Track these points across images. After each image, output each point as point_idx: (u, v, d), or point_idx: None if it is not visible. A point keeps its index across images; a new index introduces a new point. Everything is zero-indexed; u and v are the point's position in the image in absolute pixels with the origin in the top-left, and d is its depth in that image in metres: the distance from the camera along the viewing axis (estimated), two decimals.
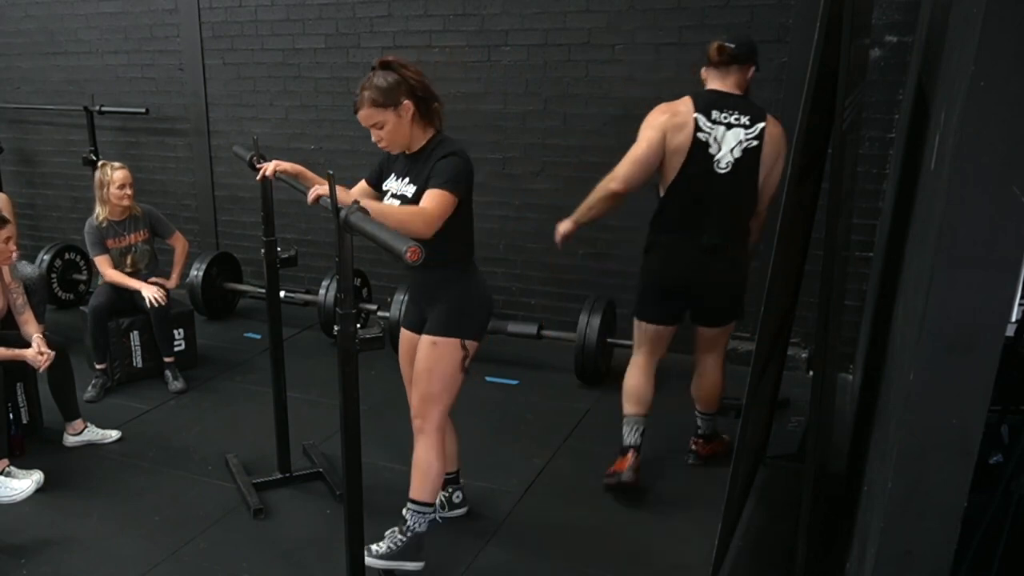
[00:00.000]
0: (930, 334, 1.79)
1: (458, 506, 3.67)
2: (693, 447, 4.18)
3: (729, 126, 3.52)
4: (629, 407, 3.92)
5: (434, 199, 2.85)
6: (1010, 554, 2.42)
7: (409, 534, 3.23)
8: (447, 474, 3.49)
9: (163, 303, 5.01)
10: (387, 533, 3.26)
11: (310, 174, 3.34)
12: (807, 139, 2.44)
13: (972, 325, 1.74)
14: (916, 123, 3.04)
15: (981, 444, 1.83)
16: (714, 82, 3.59)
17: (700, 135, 3.52)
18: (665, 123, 3.55)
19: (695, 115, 3.52)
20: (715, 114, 3.52)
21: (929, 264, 1.79)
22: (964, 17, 1.94)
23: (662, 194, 3.67)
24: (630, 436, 3.89)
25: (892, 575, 2.01)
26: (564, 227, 3.85)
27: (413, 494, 3.24)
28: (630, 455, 3.86)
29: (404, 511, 3.26)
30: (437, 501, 3.34)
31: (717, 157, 3.53)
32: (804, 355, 5.12)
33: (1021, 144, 1.62)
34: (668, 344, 3.95)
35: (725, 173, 3.54)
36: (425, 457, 3.21)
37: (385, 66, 2.95)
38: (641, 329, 3.91)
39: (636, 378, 3.93)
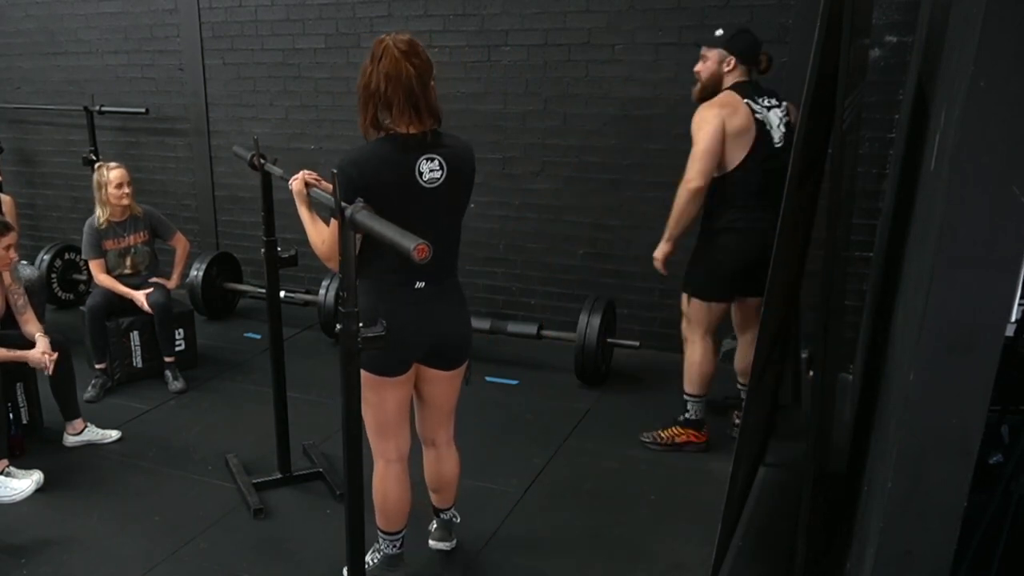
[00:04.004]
0: (930, 334, 1.79)
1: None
2: (737, 421, 4.36)
3: (769, 108, 3.86)
4: (704, 388, 4.22)
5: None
6: (1010, 554, 2.42)
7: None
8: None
9: (151, 311, 5.03)
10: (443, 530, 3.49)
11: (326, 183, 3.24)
12: (807, 139, 2.44)
13: (972, 325, 1.74)
14: (916, 123, 3.04)
15: (981, 444, 1.83)
16: (738, 75, 3.89)
17: (757, 116, 3.80)
18: (719, 112, 3.78)
19: (744, 100, 3.80)
20: (756, 99, 3.85)
21: (929, 264, 1.78)
22: (964, 17, 1.94)
23: (723, 176, 3.86)
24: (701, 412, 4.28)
25: (892, 575, 2.01)
26: (663, 252, 4.03)
27: (453, 503, 3.45)
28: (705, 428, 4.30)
29: (450, 516, 3.47)
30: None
31: (772, 134, 3.83)
32: (804, 355, 5.11)
33: (1021, 144, 1.62)
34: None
35: (780, 147, 3.84)
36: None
37: None
38: (709, 310, 4.10)
39: (710, 361, 4.19)
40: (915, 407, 1.87)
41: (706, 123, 3.77)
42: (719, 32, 3.92)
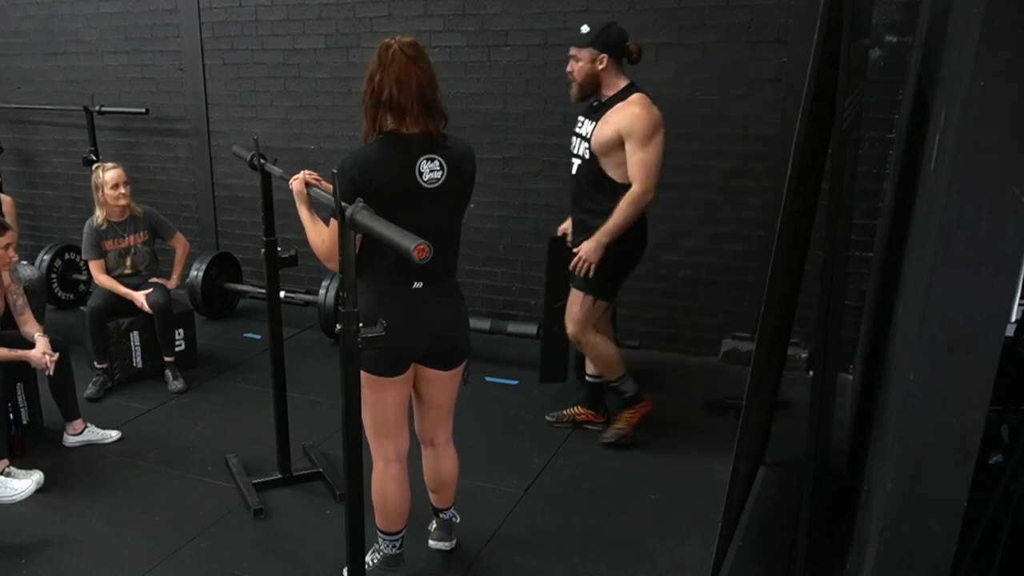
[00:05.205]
0: (930, 334, 1.78)
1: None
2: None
3: None
4: (624, 366, 4.31)
5: None
6: (1010, 554, 2.42)
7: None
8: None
9: (150, 312, 5.03)
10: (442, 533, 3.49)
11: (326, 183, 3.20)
12: (807, 139, 2.44)
13: (972, 325, 1.74)
14: (916, 123, 3.04)
15: (981, 444, 1.83)
16: (614, 71, 3.92)
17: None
18: (660, 120, 3.85)
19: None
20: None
21: (929, 264, 1.79)
22: (964, 17, 1.94)
23: (627, 182, 3.88)
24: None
25: (892, 575, 2.01)
26: (600, 256, 3.95)
27: (452, 503, 3.45)
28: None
29: (450, 515, 3.46)
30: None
31: None
32: (804, 355, 5.12)
33: (1021, 144, 1.62)
34: None
35: None
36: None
37: None
38: (608, 307, 4.23)
39: (613, 343, 4.35)
40: (915, 407, 1.87)
41: (657, 135, 3.81)
42: (585, 29, 3.89)
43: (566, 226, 4.32)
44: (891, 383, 2.33)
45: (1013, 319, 2.51)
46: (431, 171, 2.79)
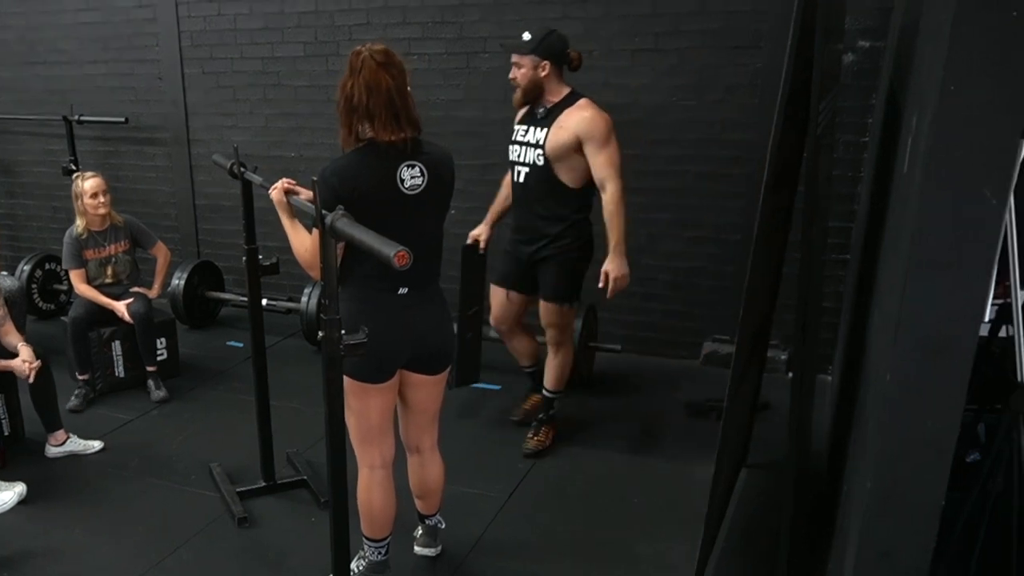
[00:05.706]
0: (905, 336, 1.81)
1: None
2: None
3: None
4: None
5: None
6: (988, 552, 2.45)
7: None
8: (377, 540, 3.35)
9: (131, 322, 5.01)
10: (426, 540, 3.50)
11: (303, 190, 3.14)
12: (782, 143, 2.47)
13: (946, 327, 1.77)
14: (889, 127, 3.08)
15: (958, 443, 1.86)
16: (556, 77, 3.97)
17: None
18: (614, 127, 3.92)
19: None
20: None
21: (903, 266, 1.81)
22: (934, 22, 1.97)
23: (579, 186, 3.97)
24: None
25: (872, 574, 2.03)
26: (626, 270, 4.04)
27: (438, 509, 3.44)
28: None
29: (435, 521, 3.45)
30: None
31: None
32: (783, 357, 5.15)
33: (991, 147, 1.65)
34: None
35: None
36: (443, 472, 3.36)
37: None
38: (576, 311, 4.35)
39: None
40: (892, 408, 1.90)
41: (613, 135, 3.87)
42: (527, 36, 3.94)
43: (477, 232, 4.38)
44: (869, 384, 2.35)
45: (986, 319, 2.54)
46: (412, 177, 2.81)
